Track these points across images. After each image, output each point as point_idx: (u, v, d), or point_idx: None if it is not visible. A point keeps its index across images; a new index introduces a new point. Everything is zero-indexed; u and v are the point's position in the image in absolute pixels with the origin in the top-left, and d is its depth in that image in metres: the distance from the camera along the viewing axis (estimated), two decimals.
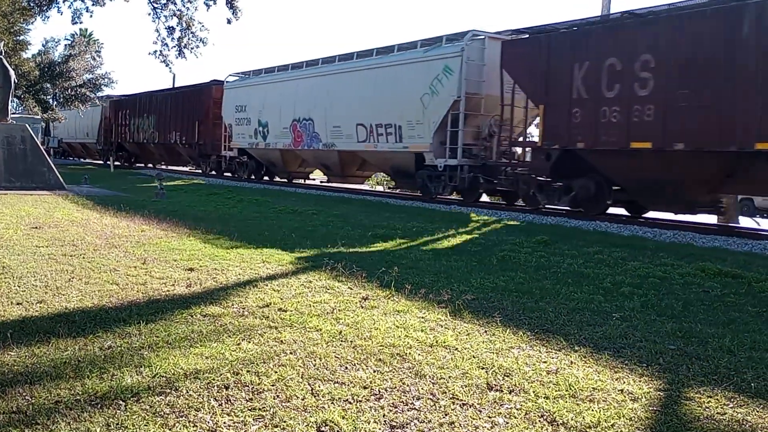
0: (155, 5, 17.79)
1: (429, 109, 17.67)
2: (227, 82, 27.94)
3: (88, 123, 42.63)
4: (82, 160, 48.20)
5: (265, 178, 27.58)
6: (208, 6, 18.45)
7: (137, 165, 39.06)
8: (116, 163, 37.12)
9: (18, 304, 5.58)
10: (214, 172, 30.01)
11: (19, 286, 6.21)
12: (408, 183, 20.33)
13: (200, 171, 31.53)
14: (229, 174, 28.98)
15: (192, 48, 16.92)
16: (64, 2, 19.04)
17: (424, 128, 17.93)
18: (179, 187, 22.31)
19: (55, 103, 39.79)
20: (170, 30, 16.90)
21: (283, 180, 26.97)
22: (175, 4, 17.58)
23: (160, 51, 16.98)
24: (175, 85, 40.56)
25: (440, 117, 17.38)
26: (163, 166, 36.87)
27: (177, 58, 17.10)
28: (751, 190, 14.52)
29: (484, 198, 19.43)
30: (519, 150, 16.81)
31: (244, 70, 27.63)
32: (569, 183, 14.49)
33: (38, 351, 4.35)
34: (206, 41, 17.20)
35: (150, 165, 38.00)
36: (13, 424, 3.25)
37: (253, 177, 27.33)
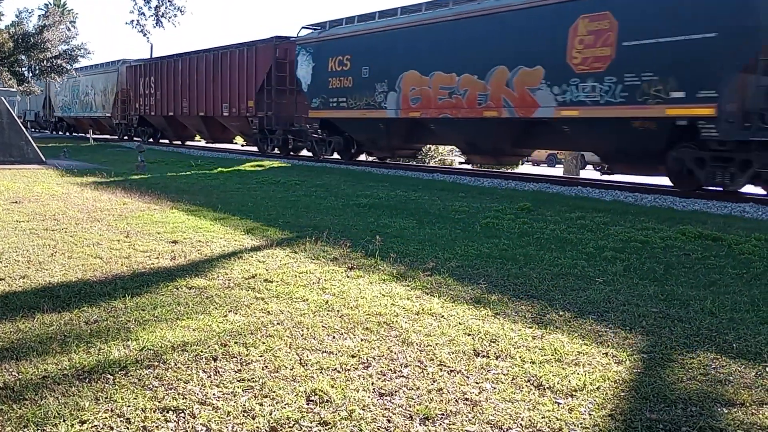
0: None
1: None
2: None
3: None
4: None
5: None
6: None
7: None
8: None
9: (0, 279, 5.54)
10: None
11: (0, 262, 6.15)
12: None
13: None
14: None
15: (170, 17, 16.55)
16: None
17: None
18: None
19: (31, 75, 38.94)
20: None
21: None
22: None
23: (137, 21, 16.61)
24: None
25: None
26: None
27: (155, 27, 16.69)
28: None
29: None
30: None
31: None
32: None
33: (23, 326, 4.32)
34: (184, 10, 16.80)
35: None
36: (1, 399, 3.24)
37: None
